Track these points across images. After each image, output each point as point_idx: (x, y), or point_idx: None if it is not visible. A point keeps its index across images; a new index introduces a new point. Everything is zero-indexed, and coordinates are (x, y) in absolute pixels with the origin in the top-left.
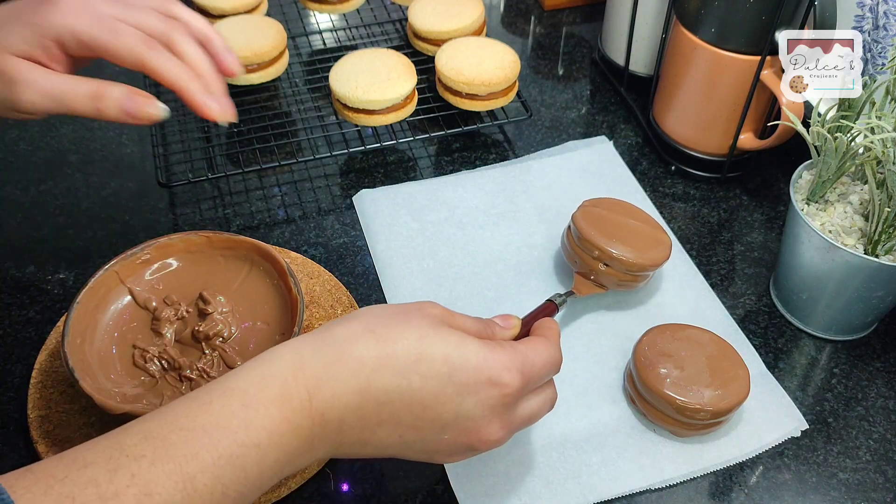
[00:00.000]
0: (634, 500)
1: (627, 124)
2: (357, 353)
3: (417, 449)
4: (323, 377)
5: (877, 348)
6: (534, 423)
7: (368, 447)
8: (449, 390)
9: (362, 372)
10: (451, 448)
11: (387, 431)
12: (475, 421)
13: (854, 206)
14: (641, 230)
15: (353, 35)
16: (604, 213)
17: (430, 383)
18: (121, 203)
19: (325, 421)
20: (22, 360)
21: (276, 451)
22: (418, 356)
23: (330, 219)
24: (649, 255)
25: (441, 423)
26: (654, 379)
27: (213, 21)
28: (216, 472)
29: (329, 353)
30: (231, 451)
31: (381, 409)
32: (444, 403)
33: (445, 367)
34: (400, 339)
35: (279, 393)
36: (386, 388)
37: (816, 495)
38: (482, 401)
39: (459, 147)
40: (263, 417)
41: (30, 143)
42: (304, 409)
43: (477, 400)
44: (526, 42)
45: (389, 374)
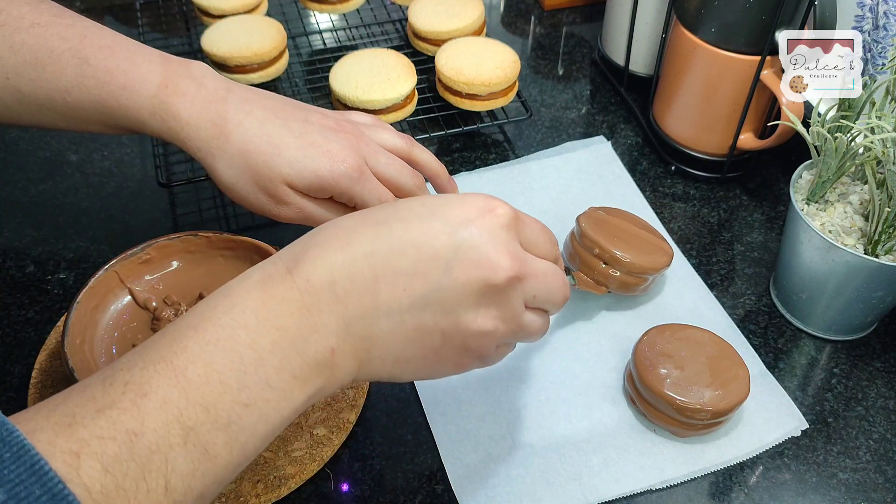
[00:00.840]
0: (635, 500)
1: (627, 124)
2: (334, 223)
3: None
4: (301, 250)
5: (877, 348)
6: (537, 328)
7: (382, 322)
8: (437, 225)
9: (340, 233)
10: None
11: (389, 288)
12: (478, 249)
13: (854, 206)
14: (644, 237)
15: (353, 35)
16: (608, 218)
17: (414, 223)
18: (121, 203)
19: (313, 286)
20: (22, 360)
21: (270, 331)
22: (395, 206)
23: None
24: (649, 259)
25: (443, 259)
26: (655, 379)
27: (213, 21)
28: (207, 359)
29: (305, 236)
30: (217, 335)
31: (371, 261)
32: (437, 237)
33: (425, 208)
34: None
35: (259, 277)
36: (369, 240)
37: (816, 495)
38: (479, 227)
39: (459, 147)
40: (245, 299)
41: (30, 143)
42: (286, 280)
43: (473, 228)
44: (526, 42)
45: (370, 227)
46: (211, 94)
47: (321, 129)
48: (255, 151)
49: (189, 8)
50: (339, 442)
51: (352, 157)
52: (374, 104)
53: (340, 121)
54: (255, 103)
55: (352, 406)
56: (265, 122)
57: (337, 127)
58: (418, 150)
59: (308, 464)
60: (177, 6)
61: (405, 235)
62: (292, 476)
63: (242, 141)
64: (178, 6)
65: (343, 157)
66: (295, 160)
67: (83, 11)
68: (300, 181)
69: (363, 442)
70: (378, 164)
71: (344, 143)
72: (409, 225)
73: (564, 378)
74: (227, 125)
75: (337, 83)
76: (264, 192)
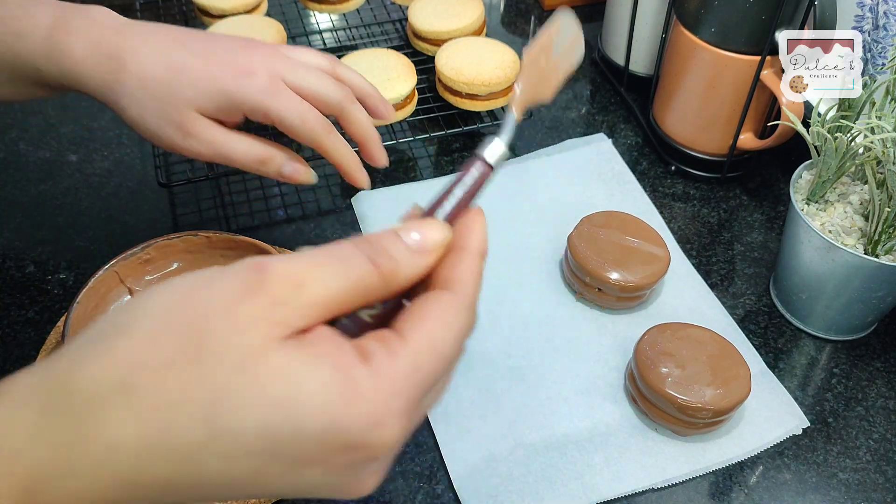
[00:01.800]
0: (636, 499)
1: (627, 124)
2: (108, 433)
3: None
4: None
5: (877, 348)
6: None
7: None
8: (274, 469)
9: (116, 461)
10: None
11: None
12: (330, 487)
13: (854, 206)
14: (637, 248)
15: (353, 35)
16: (599, 232)
17: (240, 465)
18: (121, 203)
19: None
20: (22, 360)
21: None
22: (210, 435)
23: (330, 219)
24: (643, 275)
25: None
26: (656, 378)
27: (213, 21)
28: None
29: (62, 428)
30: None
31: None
32: (272, 481)
33: (263, 443)
34: (181, 406)
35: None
36: (165, 479)
37: (816, 495)
38: (334, 468)
39: (459, 147)
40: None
41: (30, 143)
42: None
43: (325, 470)
44: (526, 42)
45: (164, 462)
46: (105, 28)
47: (228, 48)
48: (155, 79)
49: (189, 8)
50: None
51: (263, 69)
52: None
53: (250, 41)
54: (154, 32)
55: None
56: (165, 47)
57: (246, 44)
58: (343, 69)
59: None
60: (177, 6)
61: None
62: None
63: (141, 70)
64: (178, 6)
65: (252, 70)
66: (198, 80)
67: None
68: (207, 102)
69: None
70: (296, 76)
71: (254, 57)
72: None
73: (566, 377)
74: (124, 56)
75: None
76: (171, 124)
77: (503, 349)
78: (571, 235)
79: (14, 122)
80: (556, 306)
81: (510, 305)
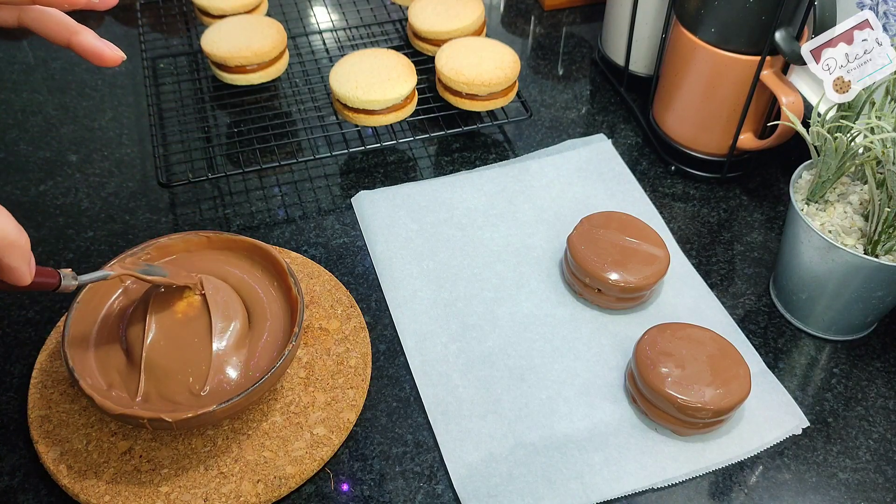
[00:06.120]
0: (636, 499)
1: (627, 124)
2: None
3: None
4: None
5: (877, 348)
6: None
7: None
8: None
9: None
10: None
11: None
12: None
13: (854, 206)
14: (637, 249)
15: (354, 35)
16: (599, 233)
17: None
18: (121, 203)
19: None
20: (22, 360)
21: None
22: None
23: (330, 219)
24: (643, 275)
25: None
26: (656, 378)
27: (213, 21)
28: None
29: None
30: None
31: None
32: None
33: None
34: None
35: None
36: None
37: (816, 495)
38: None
39: (459, 147)
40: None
41: (30, 143)
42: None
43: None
44: (526, 42)
45: None
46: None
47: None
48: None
49: (189, 8)
50: (339, 442)
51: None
52: (374, 104)
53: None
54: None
55: (352, 406)
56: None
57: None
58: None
59: (308, 464)
60: (177, 6)
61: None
62: (292, 476)
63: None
64: (178, 6)
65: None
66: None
67: (83, 11)
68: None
69: (363, 442)
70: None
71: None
72: None
73: (566, 377)
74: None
75: (337, 83)
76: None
77: (503, 349)
78: (571, 236)
79: (14, 122)
80: (556, 306)
81: (510, 305)
